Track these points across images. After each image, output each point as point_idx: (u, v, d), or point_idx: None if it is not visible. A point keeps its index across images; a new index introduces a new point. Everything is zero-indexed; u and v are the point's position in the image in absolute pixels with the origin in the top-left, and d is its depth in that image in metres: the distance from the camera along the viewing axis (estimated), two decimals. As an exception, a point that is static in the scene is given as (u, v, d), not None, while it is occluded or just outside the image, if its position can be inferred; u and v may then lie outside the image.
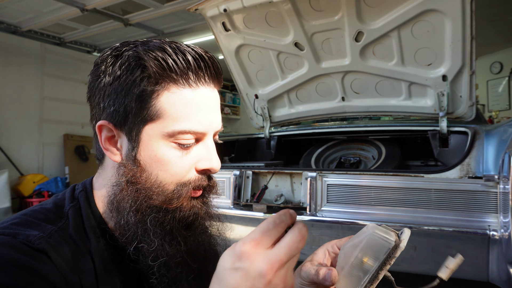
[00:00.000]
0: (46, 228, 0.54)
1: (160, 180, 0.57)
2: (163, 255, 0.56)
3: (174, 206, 0.58)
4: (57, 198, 0.63)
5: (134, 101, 0.55)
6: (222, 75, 0.61)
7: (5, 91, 4.91)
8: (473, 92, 2.12)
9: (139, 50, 0.55)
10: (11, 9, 4.29)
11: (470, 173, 1.54)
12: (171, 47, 0.56)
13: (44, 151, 5.43)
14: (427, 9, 1.92)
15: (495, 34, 5.76)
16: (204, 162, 0.59)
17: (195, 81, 0.57)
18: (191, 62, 0.56)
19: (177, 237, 0.58)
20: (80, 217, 0.59)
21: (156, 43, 0.57)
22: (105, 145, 0.59)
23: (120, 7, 4.43)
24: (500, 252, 1.42)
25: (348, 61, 2.33)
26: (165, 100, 0.55)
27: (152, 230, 0.56)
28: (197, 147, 0.59)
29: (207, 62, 0.58)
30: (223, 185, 2.06)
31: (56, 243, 0.53)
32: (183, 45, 0.57)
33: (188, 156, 0.58)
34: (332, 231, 1.74)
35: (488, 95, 6.93)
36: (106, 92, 0.56)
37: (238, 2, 2.14)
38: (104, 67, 0.57)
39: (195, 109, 0.56)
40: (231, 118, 9.50)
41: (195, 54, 0.57)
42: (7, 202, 4.47)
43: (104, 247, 0.58)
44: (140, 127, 0.56)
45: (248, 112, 2.97)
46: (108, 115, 0.57)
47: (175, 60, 0.55)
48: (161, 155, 0.57)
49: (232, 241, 1.75)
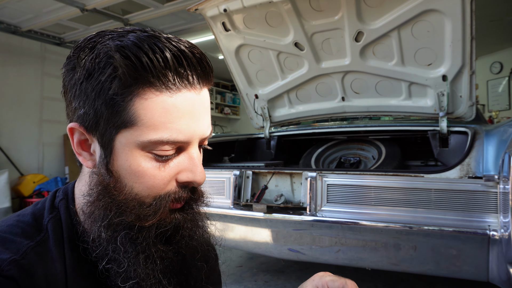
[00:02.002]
0: (21, 246, 0.49)
1: (136, 193, 0.51)
2: (134, 276, 0.51)
3: (150, 223, 0.51)
4: (36, 208, 0.57)
5: (105, 105, 0.47)
6: (211, 73, 0.53)
7: (5, 91, 4.91)
8: (473, 92, 2.11)
9: (111, 46, 0.47)
10: (11, 9, 4.29)
11: (470, 173, 1.54)
12: (149, 43, 0.47)
13: (44, 151, 5.43)
14: (427, 9, 1.92)
15: (495, 34, 5.76)
16: (186, 174, 0.52)
17: (176, 83, 0.48)
18: (170, 61, 0.47)
19: (153, 255, 0.52)
20: (60, 229, 0.54)
21: (132, 37, 0.48)
22: (77, 149, 0.53)
23: (120, 7, 4.43)
24: (500, 252, 1.42)
25: (348, 61, 2.33)
26: (139, 105, 0.47)
27: (122, 249, 0.51)
28: (179, 157, 0.52)
29: (191, 59, 0.50)
30: (223, 185, 2.06)
31: (29, 264, 0.48)
32: (165, 39, 0.49)
33: (168, 168, 0.51)
34: (332, 231, 1.74)
35: (488, 95, 6.93)
36: (77, 92, 0.49)
37: (238, 2, 2.14)
38: (76, 61, 0.49)
39: (174, 116, 0.48)
40: (231, 118, 9.50)
41: (177, 51, 0.48)
42: (7, 202, 4.47)
43: (80, 262, 0.53)
44: (113, 134, 0.49)
45: (248, 112, 2.97)
46: (79, 117, 0.50)
47: (151, 58, 0.46)
48: (136, 166, 0.50)
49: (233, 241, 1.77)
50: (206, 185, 2.40)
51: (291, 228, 1.83)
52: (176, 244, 0.56)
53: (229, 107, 9.22)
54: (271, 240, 1.92)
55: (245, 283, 2.61)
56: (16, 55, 5.06)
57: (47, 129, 5.43)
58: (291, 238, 1.87)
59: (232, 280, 2.66)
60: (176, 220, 0.54)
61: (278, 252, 1.97)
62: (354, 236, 1.70)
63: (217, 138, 2.93)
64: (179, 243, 0.56)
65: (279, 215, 1.82)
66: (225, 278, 0.86)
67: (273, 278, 2.68)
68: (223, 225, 2.05)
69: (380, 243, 1.68)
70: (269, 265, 2.99)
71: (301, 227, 1.80)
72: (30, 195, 4.82)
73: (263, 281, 2.63)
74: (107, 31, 0.51)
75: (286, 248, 1.91)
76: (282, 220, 1.82)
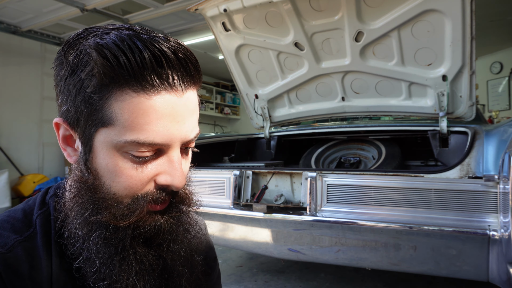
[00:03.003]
0: (9, 240, 0.50)
1: (113, 192, 0.50)
2: (105, 278, 0.50)
3: (126, 223, 0.50)
4: (27, 204, 0.58)
5: (84, 103, 0.48)
6: (197, 74, 0.52)
7: (5, 91, 4.91)
8: (473, 92, 2.11)
9: (91, 44, 0.47)
10: (11, 9, 4.29)
11: (470, 173, 1.54)
12: (129, 42, 0.46)
13: (44, 151, 5.43)
14: (427, 9, 1.92)
15: (495, 34, 5.76)
16: (164, 177, 0.51)
17: (155, 84, 0.47)
18: (148, 61, 0.46)
19: (129, 257, 0.51)
20: (49, 225, 0.54)
21: (114, 35, 0.47)
22: (62, 144, 0.53)
23: (120, 7, 4.43)
24: (500, 252, 1.42)
25: (348, 61, 2.33)
26: (116, 105, 0.47)
27: (95, 249, 0.50)
28: (159, 160, 0.51)
29: (172, 61, 0.48)
30: (223, 185, 2.06)
31: (14, 258, 0.49)
32: (148, 39, 0.47)
33: (146, 169, 0.50)
34: (332, 231, 1.74)
35: (488, 95, 6.93)
36: (62, 87, 0.50)
37: (238, 2, 2.14)
38: (64, 57, 0.50)
39: (152, 118, 0.47)
40: (231, 118, 9.50)
41: (157, 51, 0.46)
42: (7, 202, 4.47)
43: (63, 258, 0.53)
44: (92, 132, 0.49)
45: (248, 112, 2.97)
46: (63, 113, 0.51)
47: (129, 58, 0.45)
48: (113, 165, 0.49)
49: (233, 241, 1.79)
50: (206, 185, 2.40)
51: (291, 228, 1.83)
52: (158, 247, 0.55)
53: (229, 107, 9.22)
54: (271, 240, 1.92)
55: (245, 283, 2.61)
56: (16, 55, 5.06)
57: (47, 129, 5.43)
58: (291, 238, 1.87)
59: (232, 280, 2.66)
60: (157, 223, 0.53)
61: (278, 252, 1.97)
62: (354, 236, 1.70)
63: (217, 138, 2.93)
64: (161, 246, 0.55)
65: (279, 215, 1.82)
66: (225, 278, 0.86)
67: (273, 278, 2.68)
68: (223, 225, 2.05)
69: (380, 243, 1.68)
70: (269, 265, 2.99)
71: (301, 227, 1.80)
72: (30, 195, 4.82)
73: (263, 281, 2.63)
74: (94, 27, 0.51)
75: (286, 248, 1.91)
76: (282, 220, 1.82)
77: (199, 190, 2.14)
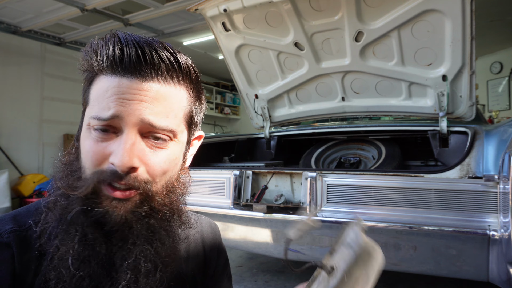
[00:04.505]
0: (27, 222, 0.57)
1: (83, 165, 0.56)
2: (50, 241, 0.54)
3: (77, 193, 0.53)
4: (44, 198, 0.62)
5: (83, 91, 0.60)
6: (170, 69, 0.57)
7: (5, 91, 4.91)
8: (473, 92, 2.11)
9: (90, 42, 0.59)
10: (11, 9, 4.29)
11: (470, 173, 1.54)
12: (109, 38, 0.56)
13: (44, 151, 5.43)
14: (427, 9, 1.92)
15: (495, 34, 5.76)
16: (112, 157, 0.54)
17: (118, 69, 0.54)
18: (116, 51, 0.55)
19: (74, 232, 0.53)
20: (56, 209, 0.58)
21: (105, 35, 0.58)
22: None
23: (120, 7, 4.43)
24: (500, 252, 1.42)
25: (348, 61, 2.33)
26: (92, 88, 0.57)
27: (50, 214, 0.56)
28: (115, 140, 0.55)
29: (147, 54, 0.55)
30: (223, 185, 2.06)
31: (28, 237, 0.56)
32: (129, 36, 0.56)
33: (102, 146, 0.55)
34: (332, 231, 1.74)
35: (488, 95, 6.93)
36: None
37: (238, 2, 2.14)
38: None
39: (106, 96, 0.54)
40: (231, 118, 9.50)
41: (133, 44, 0.55)
42: (7, 202, 4.47)
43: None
44: (83, 112, 0.60)
45: (248, 112, 2.97)
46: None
47: (103, 51, 0.55)
48: (83, 139, 0.57)
49: (233, 241, 1.77)
50: (206, 185, 2.39)
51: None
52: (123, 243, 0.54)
53: (229, 107, 9.22)
54: (271, 240, 1.92)
55: (245, 283, 2.61)
56: (16, 55, 5.06)
57: (47, 129, 5.43)
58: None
59: (232, 280, 2.66)
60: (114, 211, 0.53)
61: (278, 252, 1.97)
62: (354, 236, 1.70)
63: (217, 138, 2.93)
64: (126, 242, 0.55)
65: (279, 215, 1.82)
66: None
67: (273, 278, 2.68)
68: (223, 225, 2.05)
69: (380, 243, 1.67)
70: (269, 265, 2.99)
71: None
72: (30, 195, 4.82)
73: (263, 281, 2.63)
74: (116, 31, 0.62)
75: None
76: (282, 220, 1.82)
77: (199, 190, 2.14)
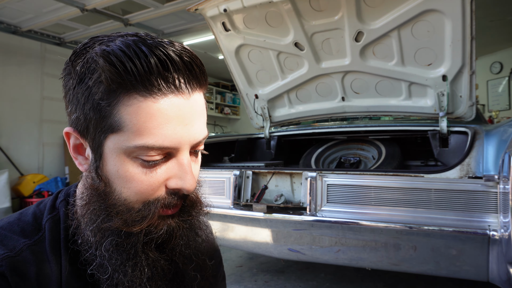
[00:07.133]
0: (18, 244, 0.51)
1: (124, 198, 0.51)
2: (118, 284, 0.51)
3: (138, 229, 0.50)
4: (38, 208, 0.58)
5: (93, 110, 0.48)
6: (203, 76, 0.52)
7: (5, 91, 4.91)
8: (473, 92, 2.11)
9: (98, 51, 0.47)
10: (11, 9, 4.29)
11: (470, 173, 1.54)
12: (134, 48, 0.47)
13: (44, 151, 5.43)
14: (427, 9, 1.92)
15: (495, 34, 5.76)
16: (174, 181, 0.51)
17: (161, 88, 0.47)
18: (154, 66, 0.46)
19: (141, 262, 0.51)
20: (58, 230, 0.55)
21: (120, 42, 0.48)
22: (73, 153, 0.54)
23: (120, 7, 4.43)
24: (500, 252, 1.42)
25: (348, 61, 2.33)
26: (124, 111, 0.47)
27: (107, 256, 0.51)
28: (168, 163, 0.51)
29: (178, 64, 0.48)
30: (223, 185, 2.06)
31: (22, 262, 0.50)
32: (153, 43, 0.48)
33: (156, 174, 0.50)
34: (332, 231, 1.74)
35: (488, 95, 6.94)
36: (70, 96, 0.51)
37: (238, 2, 2.14)
38: (71, 67, 0.51)
39: (160, 122, 0.48)
40: (231, 118, 9.50)
41: (163, 55, 0.47)
42: (7, 202, 4.47)
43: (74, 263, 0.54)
44: (101, 139, 0.50)
45: (248, 112, 2.97)
46: (73, 122, 0.52)
47: (135, 63, 0.46)
48: (124, 171, 0.50)
49: (233, 241, 1.78)
50: (206, 185, 2.39)
51: (291, 228, 1.83)
52: (170, 252, 0.55)
53: (229, 107, 9.22)
54: (271, 240, 1.92)
55: (245, 283, 2.61)
56: (16, 55, 5.06)
57: (47, 129, 5.43)
58: (291, 238, 1.87)
59: (232, 280, 2.66)
60: (169, 227, 0.53)
61: (278, 252, 1.97)
62: (354, 236, 1.70)
63: (217, 138, 2.93)
64: (173, 250, 0.55)
65: (279, 215, 1.82)
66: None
67: (273, 278, 2.68)
68: (223, 225, 2.05)
69: (380, 243, 1.68)
70: (269, 265, 2.99)
71: (301, 227, 1.80)
72: (30, 195, 4.82)
73: (263, 281, 2.63)
74: (100, 36, 0.52)
75: (286, 248, 1.91)
76: (282, 220, 1.82)
77: (199, 190, 2.14)
